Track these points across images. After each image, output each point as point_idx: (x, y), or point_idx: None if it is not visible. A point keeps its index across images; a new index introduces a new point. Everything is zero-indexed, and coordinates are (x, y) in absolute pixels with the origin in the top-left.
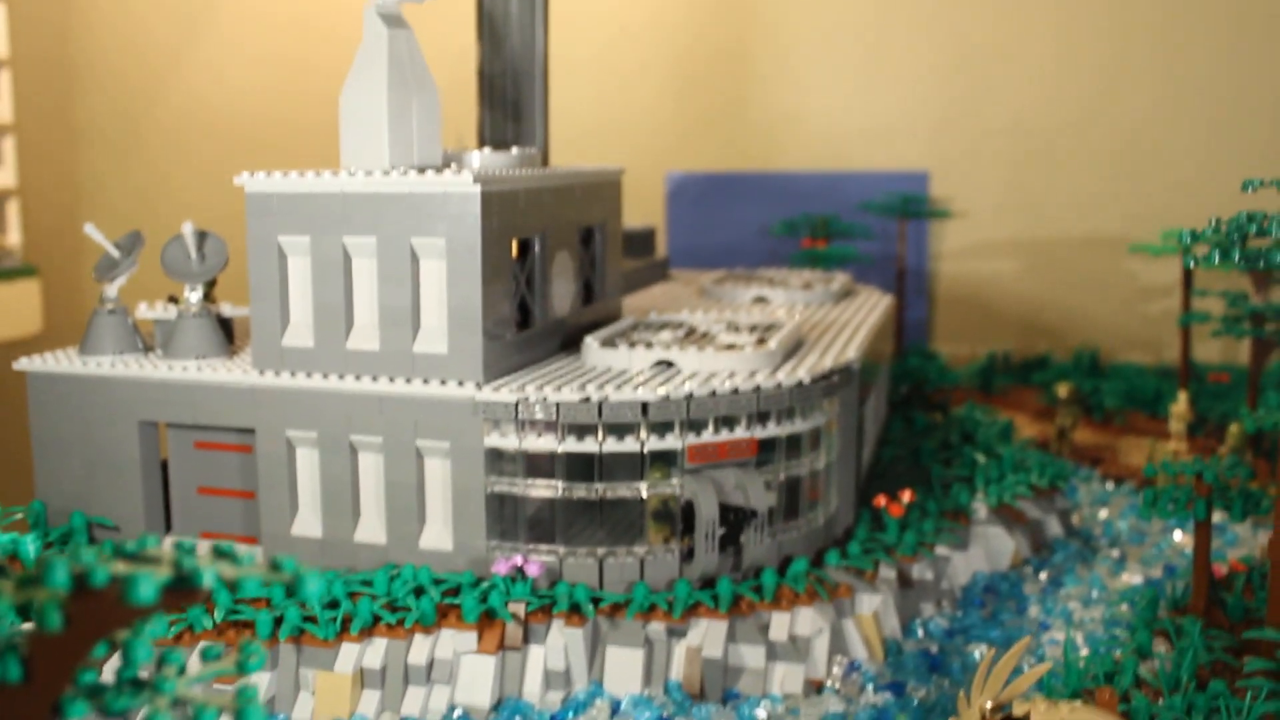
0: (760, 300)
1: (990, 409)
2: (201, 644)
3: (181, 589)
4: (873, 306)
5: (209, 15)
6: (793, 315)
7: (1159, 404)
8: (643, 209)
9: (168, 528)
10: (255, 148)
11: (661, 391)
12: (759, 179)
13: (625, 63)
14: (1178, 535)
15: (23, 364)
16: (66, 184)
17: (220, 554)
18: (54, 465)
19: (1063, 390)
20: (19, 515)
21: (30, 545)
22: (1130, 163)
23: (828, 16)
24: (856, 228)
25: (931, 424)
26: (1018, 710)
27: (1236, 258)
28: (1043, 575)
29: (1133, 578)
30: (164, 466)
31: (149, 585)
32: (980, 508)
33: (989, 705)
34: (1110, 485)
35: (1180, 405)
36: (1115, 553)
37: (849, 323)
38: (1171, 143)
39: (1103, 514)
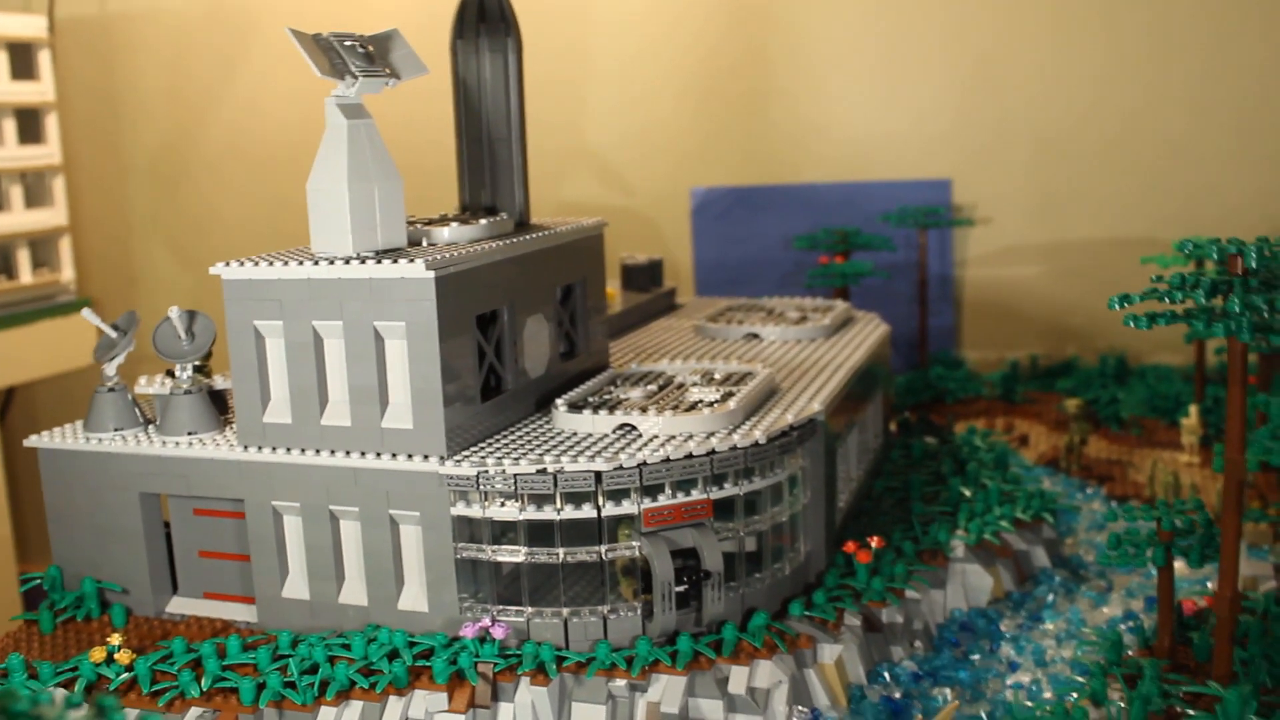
0: (752, 337)
1: (1007, 422)
2: (191, 711)
3: None
4: (863, 340)
5: (244, 55)
6: (771, 363)
7: (1179, 411)
8: (669, 224)
9: (174, 589)
10: (290, 175)
11: (615, 461)
12: (783, 191)
13: (647, 76)
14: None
15: (32, 441)
16: (117, 218)
17: None
18: (66, 533)
19: (1071, 405)
20: (37, 580)
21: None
22: (1153, 164)
23: (847, 25)
24: (877, 240)
25: (928, 452)
26: None
27: (1163, 323)
28: (1023, 610)
29: (1114, 610)
30: (168, 528)
31: None
32: (959, 545)
33: None
34: (1115, 504)
35: (1191, 419)
36: (1102, 583)
37: (831, 362)
38: (1196, 144)
39: (1100, 538)
